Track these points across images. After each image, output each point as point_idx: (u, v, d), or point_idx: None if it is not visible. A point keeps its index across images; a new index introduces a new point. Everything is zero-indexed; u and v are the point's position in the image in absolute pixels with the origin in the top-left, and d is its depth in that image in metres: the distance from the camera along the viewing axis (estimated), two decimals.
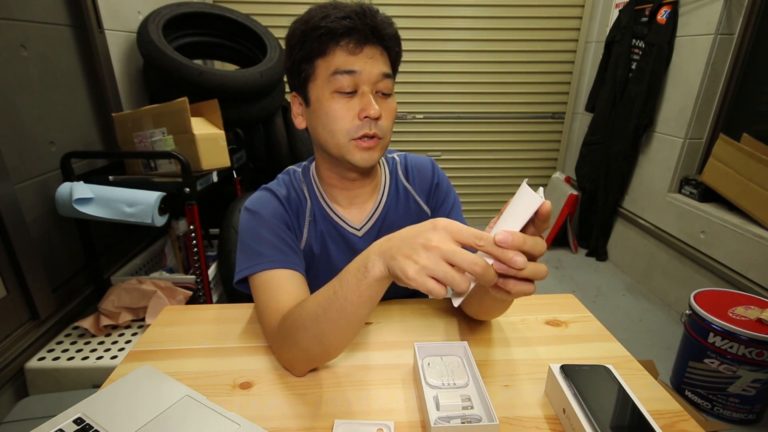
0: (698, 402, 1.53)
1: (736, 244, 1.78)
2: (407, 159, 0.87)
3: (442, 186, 0.85)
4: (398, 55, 0.72)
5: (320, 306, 0.55)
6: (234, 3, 2.59)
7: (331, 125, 0.68)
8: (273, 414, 0.57)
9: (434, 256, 0.43)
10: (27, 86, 1.34)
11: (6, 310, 1.24)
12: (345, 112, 0.67)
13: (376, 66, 0.66)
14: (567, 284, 2.42)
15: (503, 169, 3.13)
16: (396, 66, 0.72)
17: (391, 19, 0.69)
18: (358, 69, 0.65)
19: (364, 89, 0.66)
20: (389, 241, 0.48)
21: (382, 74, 0.67)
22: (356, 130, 0.67)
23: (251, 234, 0.71)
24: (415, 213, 0.84)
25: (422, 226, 0.46)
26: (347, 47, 0.65)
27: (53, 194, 1.33)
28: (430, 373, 0.60)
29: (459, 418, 0.53)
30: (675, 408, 0.58)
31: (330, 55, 0.65)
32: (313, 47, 0.66)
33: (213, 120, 1.58)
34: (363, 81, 0.66)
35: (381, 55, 0.67)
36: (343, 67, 0.65)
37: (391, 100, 0.70)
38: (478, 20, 2.75)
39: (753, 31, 1.87)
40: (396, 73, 0.73)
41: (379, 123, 0.68)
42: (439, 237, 0.44)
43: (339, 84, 0.65)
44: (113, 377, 0.63)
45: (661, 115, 2.25)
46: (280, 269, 0.67)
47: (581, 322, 0.78)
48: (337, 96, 0.66)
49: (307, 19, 0.66)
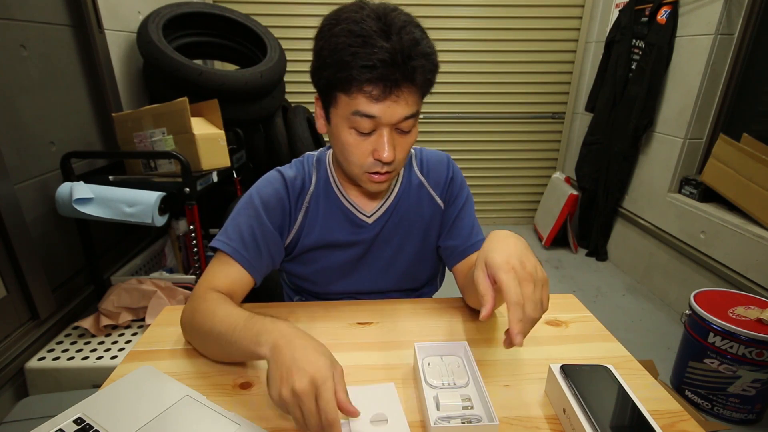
0: (698, 402, 1.53)
1: (736, 244, 1.78)
2: (423, 153, 0.87)
3: (456, 181, 0.85)
4: (431, 82, 0.67)
5: (220, 326, 0.60)
6: (234, 3, 2.59)
7: (345, 155, 0.69)
8: (273, 414, 0.57)
9: (294, 402, 0.47)
10: (27, 86, 1.34)
11: (6, 310, 1.24)
12: (360, 149, 0.67)
13: (399, 110, 0.64)
14: (567, 284, 2.42)
15: (503, 169, 3.13)
16: (427, 89, 0.68)
17: (431, 53, 0.64)
18: (379, 115, 0.63)
19: (382, 131, 0.65)
20: (285, 346, 0.51)
21: (404, 117, 0.65)
22: (369, 166, 0.69)
23: (237, 214, 0.76)
24: (427, 205, 0.84)
25: (311, 361, 0.49)
26: (370, 94, 0.61)
27: (53, 194, 1.33)
28: (430, 373, 0.60)
29: (459, 418, 0.53)
30: (675, 408, 0.58)
31: (352, 96, 0.63)
32: (334, 81, 0.63)
33: (213, 120, 1.58)
34: (383, 124, 0.65)
35: (408, 98, 0.64)
36: (364, 111, 0.63)
37: (410, 135, 0.69)
38: (478, 20, 2.75)
39: (753, 31, 1.87)
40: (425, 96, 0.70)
41: (393, 161, 0.68)
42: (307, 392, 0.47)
43: (358, 125, 0.65)
44: (113, 377, 0.63)
45: (661, 115, 2.25)
46: (232, 259, 0.72)
47: (581, 322, 0.78)
48: (355, 132, 0.66)
49: (334, 46, 0.61)
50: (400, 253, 0.84)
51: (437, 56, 0.66)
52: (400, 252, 0.84)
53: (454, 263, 0.84)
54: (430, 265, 0.89)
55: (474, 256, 0.81)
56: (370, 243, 0.82)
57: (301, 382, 0.47)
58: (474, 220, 0.85)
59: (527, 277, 0.52)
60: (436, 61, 0.65)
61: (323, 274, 0.84)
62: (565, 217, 2.73)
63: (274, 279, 1.12)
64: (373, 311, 0.80)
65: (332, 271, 0.83)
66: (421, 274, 0.89)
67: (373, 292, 0.87)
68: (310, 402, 0.47)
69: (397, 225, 0.83)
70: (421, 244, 0.85)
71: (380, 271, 0.85)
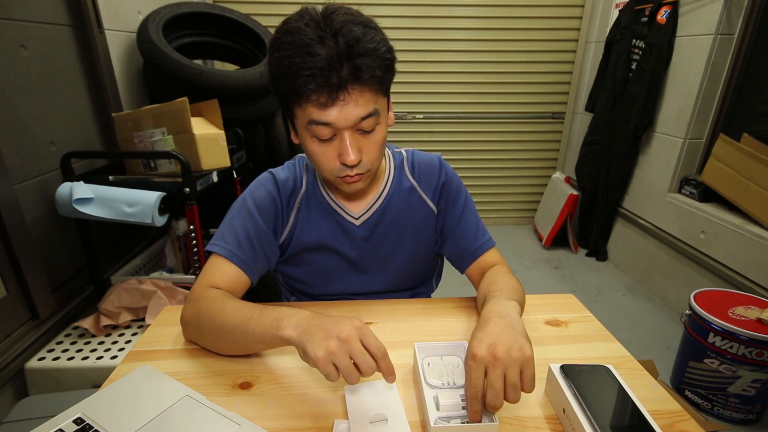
0: (698, 402, 1.53)
1: (736, 244, 1.78)
2: (414, 155, 0.86)
3: (451, 185, 0.84)
4: (389, 79, 0.66)
5: (233, 319, 0.61)
6: (234, 3, 2.59)
7: (315, 163, 0.70)
8: (273, 414, 0.57)
9: (343, 349, 0.50)
10: (27, 86, 1.34)
11: (6, 310, 1.24)
12: (325, 155, 0.67)
13: (353, 112, 0.62)
14: (567, 284, 2.42)
15: (503, 169, 3.12)
16: (387, 88, 0.68)
17: (376, 49, 0.61)
18: (332, 120, 0.62)
19: (342, 134, 0.65)
20: (311, 319, 0.54)
21: (360, 118, 0.63)
22: (338, 170, 0.69)
23: (232, 217, 0.77)
24: (419, 209, 0.84)
25: (342, 319, 0.53)
26: (317, 101, 0.61)
27: (53, 194, 1.33)
28: (430, 373, 0.60)
29: (459, 418, 0.53)
30: (675, 408, 0.58)
31: (303, 106, 0.63)
32: (286, 94, 0.64)
33: (213, 120, 1.58)
34: (340, 128, 0.64)
35: (359, 98, 0.62)
36: (317, 119, 0.63)
37: (375, 133, 0.67)
38: (478, 20, 2.74)
39: (753, 31, 1.87)
40: (389, 89, 0.69)
41: (361, 162, 0.67)
42: (353, 335, 0.51)
43: (315, 132, 0.65)
44: (113, 377, 0.63)
45: (661, 115, 2.25)
46: (228, 261, 0.73)
47: (581, 322, 0.78)
48: (317, 141, 0.66)
49: (278, 62, 0.61)
50: (393, 257, 0.84)
51: (389, 48, 0.64)
52: (393, 255, 0.84)
53: (465, 267, 0.85)
54: (424, 268, 0.89)
55: (485, 257, 0.83)
56: (361, 246, 0.82)
57: (343, 331, 0.51)
58: (477, 221, 0.85)
59: (493, 363, 0.51)
60: (384, 54, 0.63)
61: (316, 276, 0.84)
62: (565, 217, 2.73)
63: (274, 279, 1.12)
64: (372, 311, 0.80)
65: (325, 272, 0.84)
66: (415, 276, 0.89)
67: (366, 293, 0.87)
68: (357, 343, 0.50)
69: (388, 228, 0.82)
70: (414, 248, 0.85)
71: (373, 274, 0.85)
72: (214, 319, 0.63)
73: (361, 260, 0.83)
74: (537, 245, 2.90)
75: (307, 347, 0.51)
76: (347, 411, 0.56)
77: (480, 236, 0.83)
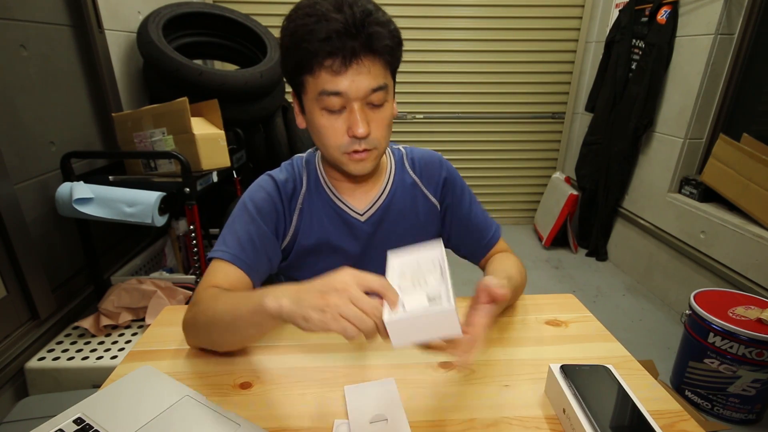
0: (698, 402, 1.53)
1: (736, 244, 1.78)
2: (413, 152, 0.87)
3: (454, 182, 0.86)
4: (396, 59, 0.68)
5: (224, 306, 0.60)
6: (234, 3, 2.59)
7: (322, 140, 0.69)
8: (273, 414, 0.57)
9: (345, 298, 0.47)
10: (27, 86, 1.34)
11: (6, 310, 1.24)
12: (334, 129, 0.67)
13: (364, 82, 0.63)
14: (567, 284, 2.42)
15: (503, 169, 3.12)
16: (394, 69, 0.70)
17: (388, 23, 0.64)
18: (344, 90, 0.63)
19: (352, 106, 0.65)
20: (299, 286, 0.51)
21: (371, 89, 0.64)
22: (347, 145, 0.68)
23: (233, 222, 0.76)
24: (422, 205, 0.84)
25: (331, 274, 0.50)
26: (331, 68, 0.62)
27: (53, 194, 1.33)
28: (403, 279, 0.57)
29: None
30: (675, 408, 0.58)
31: (316, 74, 0.63)
32: (298, 64, 0.64)
33: (213, 120, 1.58)
34: (351, 99, 0.64)
35: (371, 68, 0.63)
36: (329, 89, 0.63)
37: (384, 109, 0.68)
38: (478, 20, 2.75)
39: (753, 31, 1.87)
40: (395, 74, 0.71)
41: (369, 137, 0.67)
42: (349, 282, 0.48)
43: (326, 104, 0.65)
44: (113, 377, 0.63)
45: (661, 115, 2.25)
46: (230, 264, 0.72)
47: (581, 322, 0.78)
48: (326, 113, 0.66)
49: (293, 30, 0.62)
50: None
51: (397, 29, 0.67)
52: None
53: (479, 259, 0.88)
54: None
55: (496, 248, 0.87)
56: (365, 244, 0.82)
57: (338, 282, 0.48)
58: (483, 212, 0.88)
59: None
60: (395, 32, 0.65)
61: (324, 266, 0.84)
62: (565, 217, 2.73)
63: (273, 279, 1.12)
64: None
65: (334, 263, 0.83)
66: None
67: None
68: (356, 290, 0.47)
69: (393, 224, 0.83)
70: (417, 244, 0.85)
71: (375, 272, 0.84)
72: (208, 312, 0.62)
73: (364, 258, 0.83)
74: (537, 245, 2.90)
75: (306, 313, 0.47)
76: (347, 411, 0.56)
77: (489, 227, 0.87)
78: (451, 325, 0.48)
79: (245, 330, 0.59)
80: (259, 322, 0.55)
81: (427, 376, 0.64)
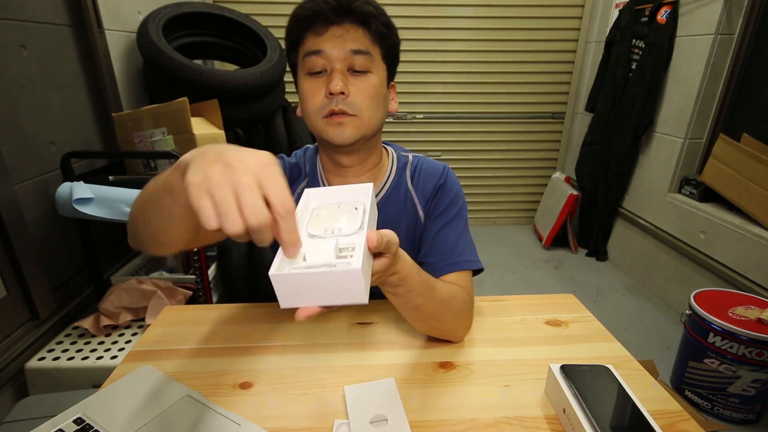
0: (698, 402, 1.53)
1: (736, 244, 1.78)
2: (420, 161, 0.83)
3: (447, 192, 0.79)
4: (382, 33, 0.68)
5: (149, 184, 0.52)
6: (234, 3, 2.59)
7: (305, 106, 0.70)
8: (273, 414, 0.57)
9: (226, 176, 0.36)
10: (27, 86, 1.34)
11: (6, 310, 1.24)
12: (314, 91, 0.68)
13: (344, 44, 0.66)
14: (567, 284, 2.42)
15: (503, 169, 3.13)
16: (383, 44, 0.69)
17: (384, 13, 0.69)
18: (324, 48, 0.66)
19: (333, 66, 0.67)
20: (216, 145, 0.41)
21: (351, 51, 0.66)
22: (324, 107, 0.68)
23: None
24: (411, 214, 0.81)
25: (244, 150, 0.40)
26: (314, 30, 0.66)
27: (53, 194, 1.33)
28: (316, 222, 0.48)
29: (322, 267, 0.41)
30: (675, 408, 0.58)
31: (303, 41, 0.68)
32: (292, 37, 0.70)
33: (213, 120, 1.58)
34: (332, 59, 0.66)
35: (351, 32, 0.66)
36: (311, 49, 0.67)
37: (367, 78, 0.68)
38: (478, 20, 2.75)
39: (753, 31, 1.87)
40: (389, 55, 0.71)
41: (348, 100, 0.67)
42: (249, 167, 0.37)
43: (309, 65, 0.67)
44: (113, 377, 0.63)
45: (661, 115, 2.25)
46: None
47: (581, 322, 0.78)
48: (309, 77, 0.68)
49: (292, 14, 0.69)
50: None
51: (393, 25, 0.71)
52: None
53: None
54: None
55: (449, 277, 0.72)
56: None
57: (237, 159, 0.37)
58: (460, 238, 0.76)
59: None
60: (386, 20, 0.69)
61: None
62: (565, 217, 2.73)
63: None
64: (373, 311, 0.80)
65: None
66: None
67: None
68: (246, 177, 0.36)
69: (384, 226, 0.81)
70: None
71: None
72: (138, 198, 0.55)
73: None
74: (537, 245, 2.90)
75: (188, 169, 0.38)
76: (347, 411, 0.56)
77: (454, 254, 0.74)
78: (355, 289, 0.39)
79: (162, 199, 0.47)
80: (173, 185, 0.43)
81: (427, 376, 0.64)
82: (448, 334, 0.71)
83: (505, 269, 2.57)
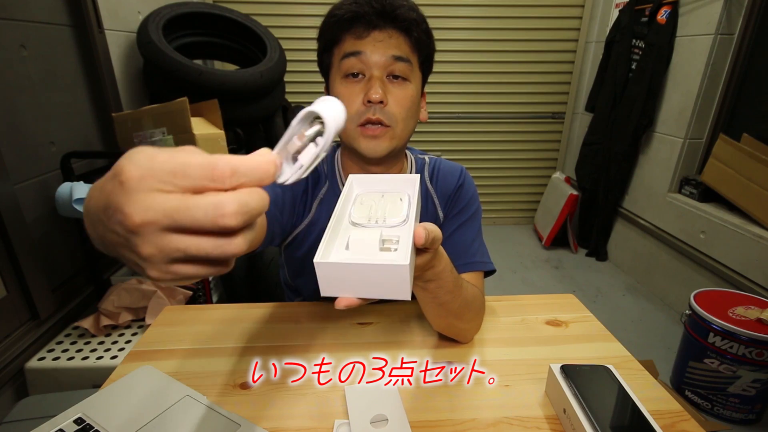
0: (698, 402, 1.53)
1: (736, 244, 1.78)
2: (438, 162, 0.83)
3: (465, 193, 0.80)
4: (422, 41, 0.68)
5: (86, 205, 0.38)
6: (234, 3, 2.59)
7: None
8: (273, 414, 0.57)
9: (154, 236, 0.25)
10: (27, 86, 1.34)
11: (6, 310, 1.24)
12: (351, 96, 0.66)
13: (385, 49, 0.64)
14: (567, 284, 2.42)
15: (503, 169, 3.12)
16: (422, 52, 0.69)
17: (414, 8, 0.66)
18: (365, 50, 0.65)
19: (372, 73, 0.65)
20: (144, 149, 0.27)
21: (392, 57, 0.65)
22: (360, 115, 0.66)
23: None
24: (431, 215, 0.81)
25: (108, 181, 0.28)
26: (355, 32, 0.65)
27: (53, 194, 1.33)
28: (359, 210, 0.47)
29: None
30: (675, 408, 0.58)
31: (341, 42, 0.67)
32: (329, 37, 0.68)
33: (213, 120, 1.58)
34: (371, 64, 0.65)
35: (394, 39, 0.65)
36: (350, 50, 0.65)
37: (405, 86, 0.67)
38: (478, 20, 2.75)
39: (753, 31, 1.87)
40: (425, 63, 0.71)
41: (385, 109, 0.65)
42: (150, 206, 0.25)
43: (347, 66, 0.66)
44: (113, 377, 0.63)
45: (661, 115, 2.25)
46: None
47: (581, 322, 0.78)
48: (346, 80, 0.67)
49: (327, 13, 0.68)
50: None
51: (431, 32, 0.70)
52: None
53: None
54: None
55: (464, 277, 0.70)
56: None
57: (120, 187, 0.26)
58: (475, 240, 0.77)
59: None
60: (424, 19, 0.68)
61: None
62: (565, 217, 2.73)
63: (273, 279, 1.13)
64: (373, 311, 0.80)
65: None
66: None
67: None
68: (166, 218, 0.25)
69: None
70: None
71: None
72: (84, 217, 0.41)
73: None
74: (537, 245, 2.90)
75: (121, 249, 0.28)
76: (347, 411, 0.56)
77: (467, 255, 0.75)
78: (400, 284, 0.38)
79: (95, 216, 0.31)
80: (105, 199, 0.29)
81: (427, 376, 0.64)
82: (460, 334, 0.70)
83: (505, 269, 2.57)
